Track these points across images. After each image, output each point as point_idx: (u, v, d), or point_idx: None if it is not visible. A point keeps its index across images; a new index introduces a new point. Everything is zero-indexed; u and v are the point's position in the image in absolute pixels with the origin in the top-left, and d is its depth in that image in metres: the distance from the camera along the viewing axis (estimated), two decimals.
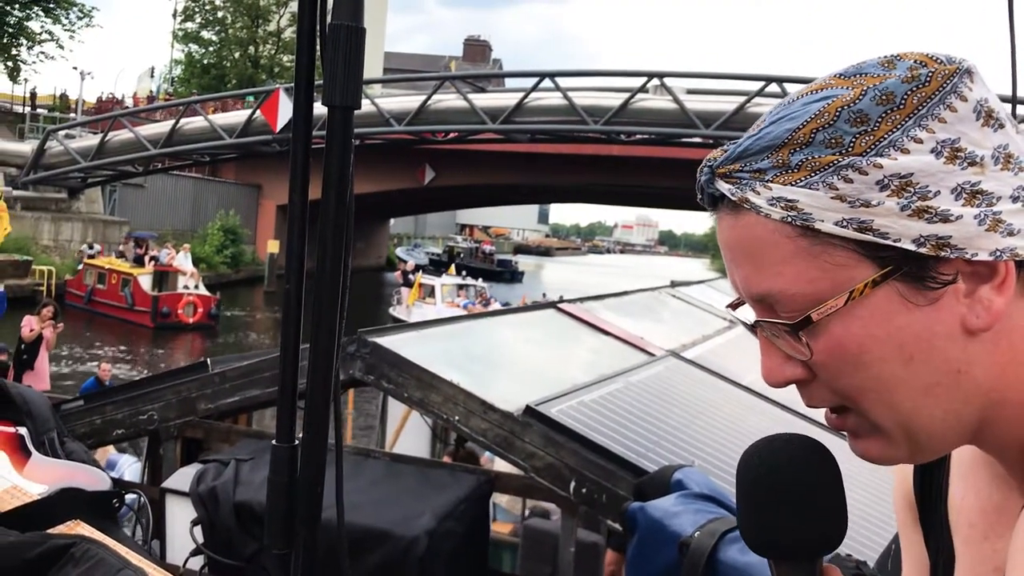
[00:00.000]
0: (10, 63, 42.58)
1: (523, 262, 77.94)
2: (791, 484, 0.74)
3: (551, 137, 28.37)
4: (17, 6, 41.81)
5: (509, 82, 33.08)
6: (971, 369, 0.69)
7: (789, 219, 0.68)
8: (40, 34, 42.86)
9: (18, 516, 2.22)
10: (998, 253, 0.67)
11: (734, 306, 0.79)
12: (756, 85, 24.36)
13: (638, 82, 25.48)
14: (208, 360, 3.63)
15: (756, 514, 0.75)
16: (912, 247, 0.67)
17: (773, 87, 23.61)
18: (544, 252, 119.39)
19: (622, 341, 4.31)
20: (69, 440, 3.10)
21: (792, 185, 0.68)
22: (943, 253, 0.67)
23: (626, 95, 25.22)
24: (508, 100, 26.97)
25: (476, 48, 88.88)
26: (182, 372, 3.54)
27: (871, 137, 0.66)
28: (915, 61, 0.68)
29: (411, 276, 31.52)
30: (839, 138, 0.67)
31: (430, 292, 29.65)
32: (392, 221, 65.91)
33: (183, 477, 3.07)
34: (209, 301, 26.98)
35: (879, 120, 0.66)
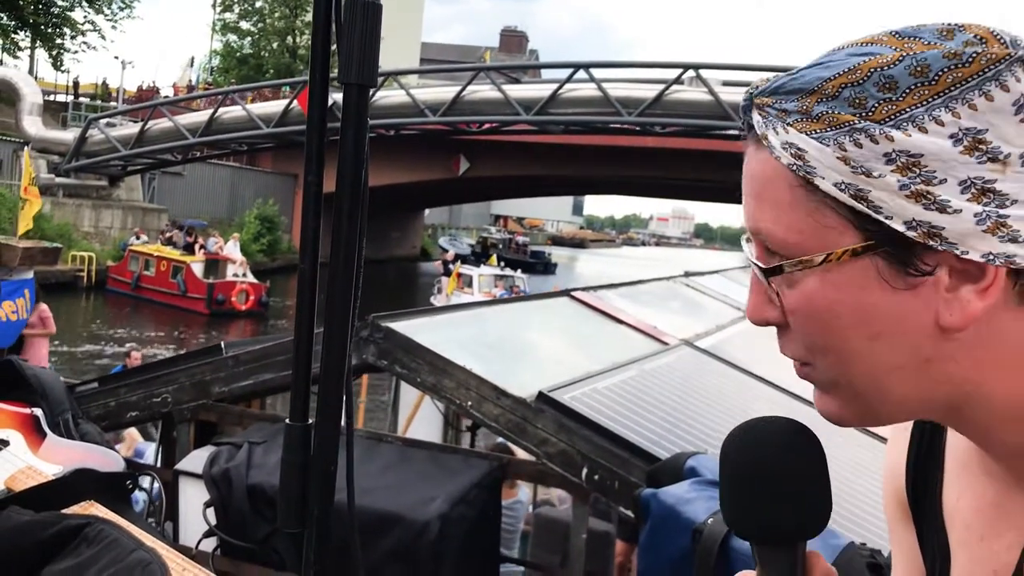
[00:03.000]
0: (54, 52, 43.73)
1: (557, 254, 77.72)
2: (771, 467, 0.73)
3: (585, 128, 28.26)
4: None
5: (545, 73, 32.85)
6: (942, 362, 0.67)
7: (794, 167, 0.67)
8: (83, 24, 44.18)
9: (33, 496, 2.23)
10: (991, 257, 0.64)
11: (749, 239, 0.78)
12: None
13: (673, 73, 25.27)
14: (222, 344, 3.64)
15: (736, 498, 0.74)
16: (901, 228, 0.64)
17: None
18: (578, 244, 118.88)
19: (635, 330, 4.30)
20: (84, 422, 3.12)
21: (807, 135, 0.66)
22: (931, 243, 0.64)
23: (661, 86, 25.03)
24: (542, 91, 26.97)
25: (512, 39, 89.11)
26: (196, 355, 3.56)
27: (893, 107, 0.64)
28: (974, 36, 0.65)
29: (451, 266, 31.57)
30: (863, 99, 0.64)
31: (468, 282, 29.79)
32: (427, 212, 65.80)
33: (196, 459, 3.08)
34: (260, 289, 27.65)
35: (907, 91, 0.63)
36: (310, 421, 1.11)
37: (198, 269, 27.06)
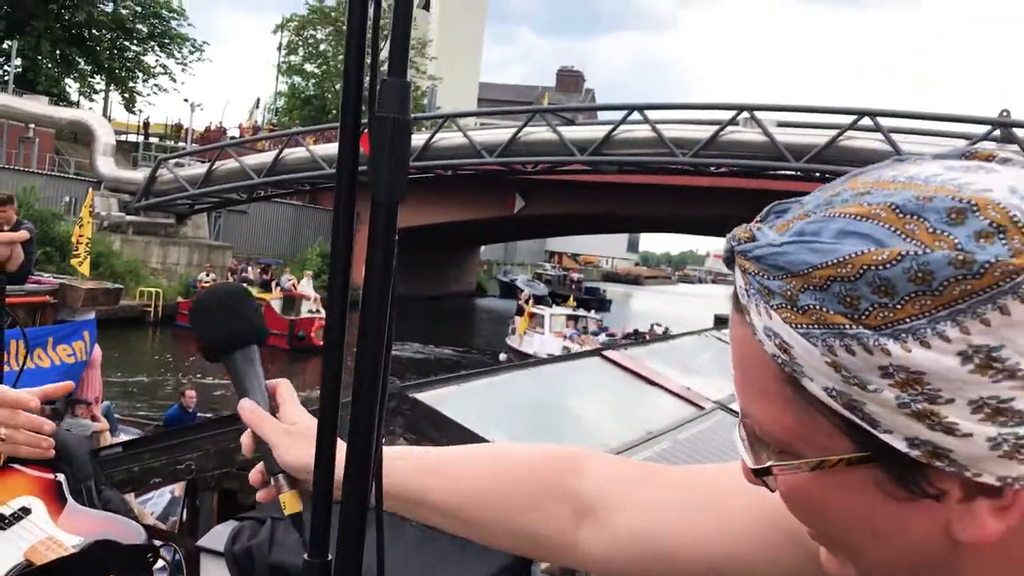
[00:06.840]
0: (127, 95, 45.58)
1: (611, 290, 77.36)
2: (216, 304, 1.10)
3: (639, 168, 28.41)
4: (135, 42, 44.19)
5: (600, 112, 33.00)
6: (954, 562, 0.59)
7: (779, 361, 0.58)
8: (155, 67, 46.81)
9: (54, 570, 2.20)
10: (1009, 480, 0.54)
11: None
12: (849, 118, 23.72)
13: (728, 114, 25.21)
14: None
15: (202, 330, 1.08)
16: (902, 446, 0.55)
17: (866, 120, 23.10)
18: (633, 280, 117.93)
19: (669, 392, 4.21)
20: (106, 488, 3.09)
21: (792, 328, 0.56)
22: (937, 463, 0.54)
23: (715, 127, 24.97)
24: (597, 132, 27.19)
25: (569, 79, 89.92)
26: (221, 422, 3.52)
27: (891, 313, 0.53)
28: (989, 223, 0.53)
29: (523, 306, 31.69)
30: (855, 299, 0.54)
31: (540, 322, 29.87)
32: (482, 248, 66.41)
33: (218, 536, 3.03)
34: None
35: (905, 298, 0.53)
36: (330, 557, 1.02)
37: (277, 306, 27.46)
